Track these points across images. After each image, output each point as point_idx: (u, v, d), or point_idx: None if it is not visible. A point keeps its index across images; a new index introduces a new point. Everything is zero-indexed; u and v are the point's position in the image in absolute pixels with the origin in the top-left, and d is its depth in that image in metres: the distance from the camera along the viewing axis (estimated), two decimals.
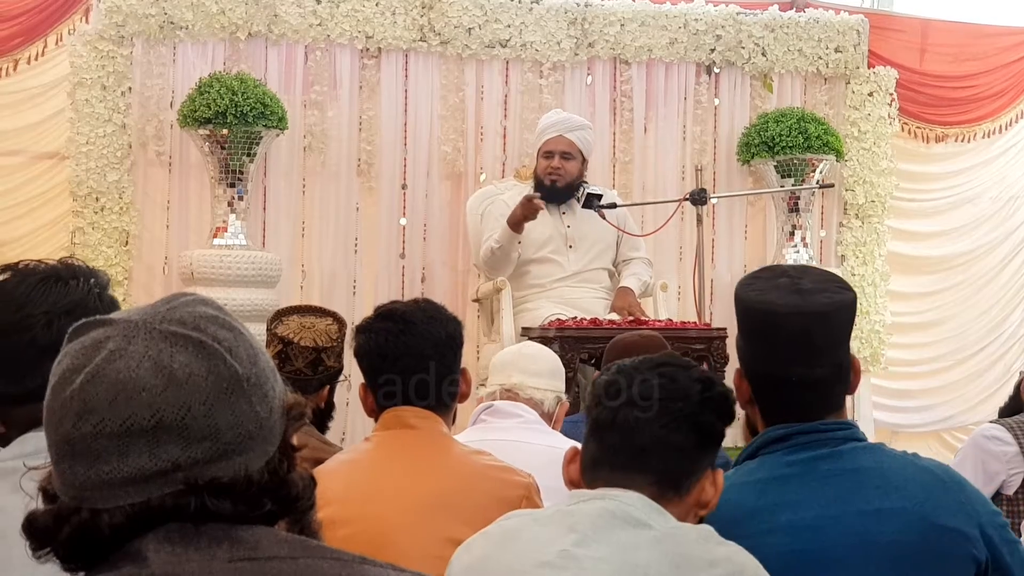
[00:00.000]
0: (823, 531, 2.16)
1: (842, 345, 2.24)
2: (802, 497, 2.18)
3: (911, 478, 2.22)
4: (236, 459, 1.17)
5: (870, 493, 2.18)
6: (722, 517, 2.15)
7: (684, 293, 7.49)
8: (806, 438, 2.22)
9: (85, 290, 2.06)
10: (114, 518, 1.15)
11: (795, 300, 2.18)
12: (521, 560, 1.88)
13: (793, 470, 2.21)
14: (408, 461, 2.60)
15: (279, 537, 1.20)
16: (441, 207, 7.34)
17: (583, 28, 7.43)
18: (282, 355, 3.50)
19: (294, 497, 1.22)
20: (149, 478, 1.14)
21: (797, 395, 2.22)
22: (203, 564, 1.14)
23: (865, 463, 2.22)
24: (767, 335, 2.21)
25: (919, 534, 2.16)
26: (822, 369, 2.22)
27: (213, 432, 1.16)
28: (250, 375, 1.20)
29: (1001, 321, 8.35)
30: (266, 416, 1.20)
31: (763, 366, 2.24)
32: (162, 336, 1.17)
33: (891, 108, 7.90)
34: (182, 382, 1.15)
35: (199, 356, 1.17)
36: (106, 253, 6.76)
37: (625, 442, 1.97)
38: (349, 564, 1.20)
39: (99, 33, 6.81)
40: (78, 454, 1.15)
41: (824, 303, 2.18)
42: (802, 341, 2.19)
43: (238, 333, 1.22)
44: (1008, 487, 4.16)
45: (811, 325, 2.18)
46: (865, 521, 2.16)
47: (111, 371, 1.15)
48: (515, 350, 3.53)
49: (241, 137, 6.55)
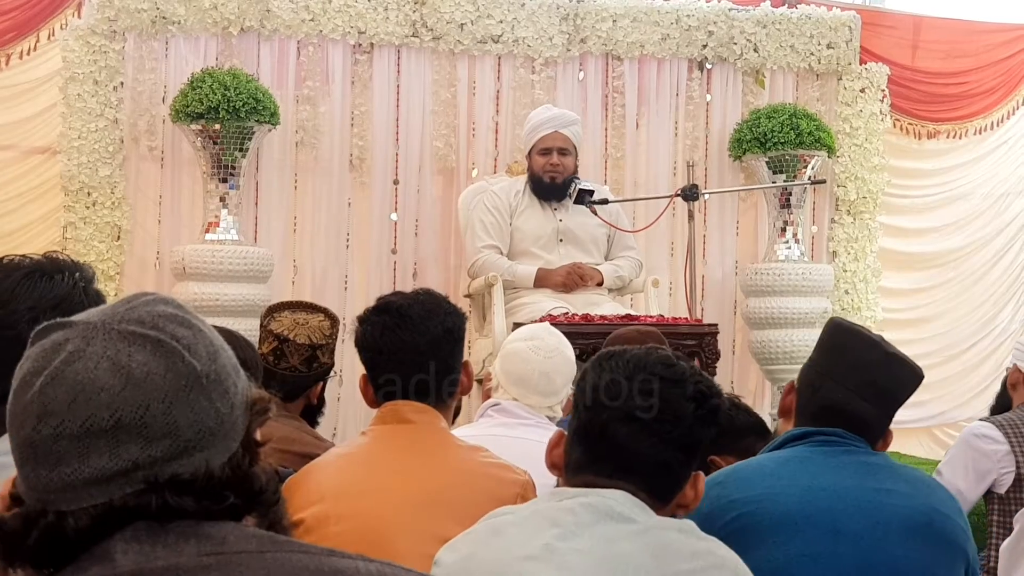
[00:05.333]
0: (838, 495, 2.35)
1: (895, 409, 2.52)
2: (820, 470, 2.39)
3: (921, 477, 2.50)
4: (197, 455, 1.18)
5: (883, 477, 2.41)
6: (741, 475, 2.31)
7: (676, 289, 7.50)
8: (825, 438, 2.45)
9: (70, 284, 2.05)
10: (79, 520, 1.15)
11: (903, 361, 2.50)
12: (505, 555, 1.88)
13: (814, 454, 2.42)
14: (403, 457, 2.59)
15: (247, 532, 1.20)
16: (433, 203, 7.34)
17: (575, 24, 7.43)
18: (277, 352, 3.50)
19: (257, 491, 1.22)
20: (110, 478, 1.15)
21: (844, 422, 2.46)
22: (170, 560, 1.14)
23: (878, 460, 2.45)
24: (854, 372, 2.45)
25: (925, 515, 2.38)
26: (876, 415, 2.48)
27: (172, 430, 1.16)
28: (209, 372, 1.20)
29: (992, 317, 8.37)
30: (227, 412, 1.20)
31: (835, 392, 2.46)
32: (120, 336, 1.17)
33: (883, 104, 7.91)
34: (140, 381, 1.15)
35: (157, 354, 1.17)
36: (98, 248, 6.76)
37: (612, 455, 1.95)
38: (316, 556, 1.20)
39: (91, 28, 6.80)
40: (40, 457, 1.15)
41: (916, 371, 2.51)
42: (884, 387, 2.46)
43: (197, 330, 1.22)
44: (1000, 486, 4.14)
45: (905, 382, 2.49)
46: (879, 495, 2.37)
47: (70, 373, 1.15)
48: (537, 369, 3.30)
49: (233, 132, 6.55)
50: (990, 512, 4.21)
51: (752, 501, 2.35)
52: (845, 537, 2.32)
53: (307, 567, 1.18)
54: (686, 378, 1.98)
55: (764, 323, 7.34)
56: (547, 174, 6.31)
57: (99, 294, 2.11)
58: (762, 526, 2.32)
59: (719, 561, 1.90)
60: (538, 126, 6.36)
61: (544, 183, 6.32)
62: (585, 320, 5.60)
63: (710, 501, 2.34)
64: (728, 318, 7.62)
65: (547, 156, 6.32)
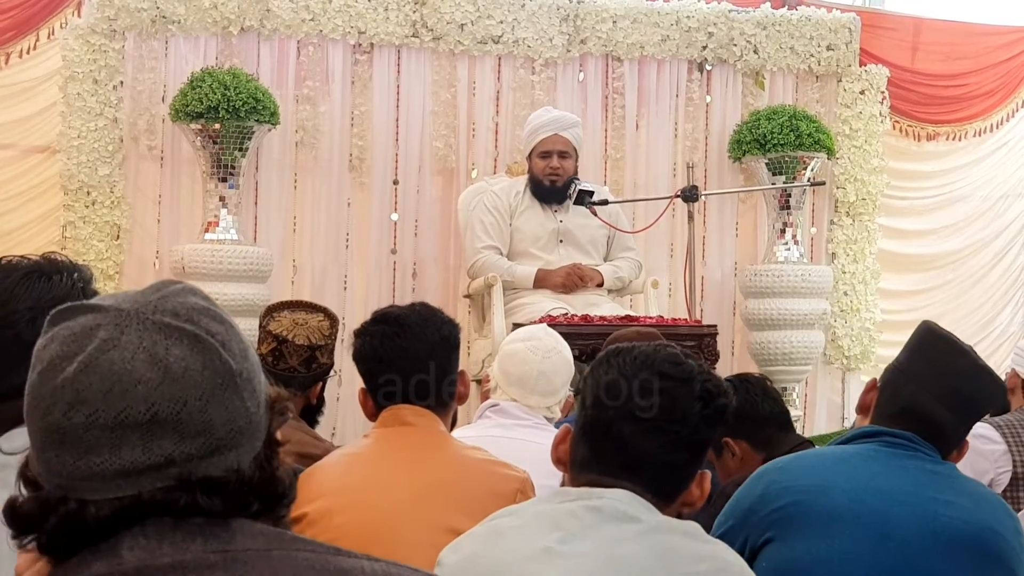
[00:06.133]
0: (894, 499, 2.33)
1: (976, 420, 2.54)
2: (882, 471, 2.37)
3: (983, 493, 2.48)
4: (228, 455, 1.17)
5: (944, 487, 2.38)
6: (801, 463, 2.32)
7: (675, 290, 7.50)
8: (895, 440, 2.43)
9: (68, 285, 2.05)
10: (101, 510, 1.14)
11: (990, 374, 2.51)
12: (507, 556, 1.88)
13: (879, 453, 2.40)
14: (405, 454, 2.62)
15: (254, 529, 1.19)
16: (432, 203, 7.34)
17: (575, 25, 7.43)
18: (276, 352, 3.50)
19: (280, 494, 1.22)
20: (142, 472, 1.13)
21: (921, 427, 2.44)
22: (176, 557, 1.14)
23: (944, 471, 2.43)
24: (941, 379, 2.45)
25: (979, 531, 2.35)
26: (956, 424, 2.47)
27: (208, 427, 1.15)
28: (242, 370, 1.19)
29: (991, 319, 8.38)
30: (255, 411, 1.20)
31: (918, 396, 2.45)
32: (156, 327, 1.16)
33: (882, 106, 7.91)
34: (178, 376, 1.14)
35: (195, 350, 1.16)
36: (97, 247, 6.76)
37: (618, 454, 1.94)
38: (322, 555, 1.19)
39: (91, 27, 6.80)
40: (67, 443, 1.13)
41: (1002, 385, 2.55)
42: (968, 396, 2.46)
43: (229, 327, 1.21)
44: (996, 486, 4.16)
45: (991, 394, 2.51)
46: (935, 506, 2.34)
47: (105, 361, 1.13)
48: (535, 369, 3.30)
49: (233, 132, 6.55)
50: None
51: (806, 490, 2.35)
52: (892, 541, 2.30)
53: (312, 565, 1.17)
54: (693, 376, 1.96)
55: (763, 324, 7.34)
56: (547, 177, 6.31)
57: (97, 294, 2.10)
58: (811, 517, 2.32)
59: (724, 565, 1.89)
60: (538, 128, 6.36)
61: (544, 186, 6.32)
62: (584, 321, 5.61)
63: (765, 484, 2.36)
64: (727, 319, 7.62)
65: (547, 159, 6.31)
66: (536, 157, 6.36)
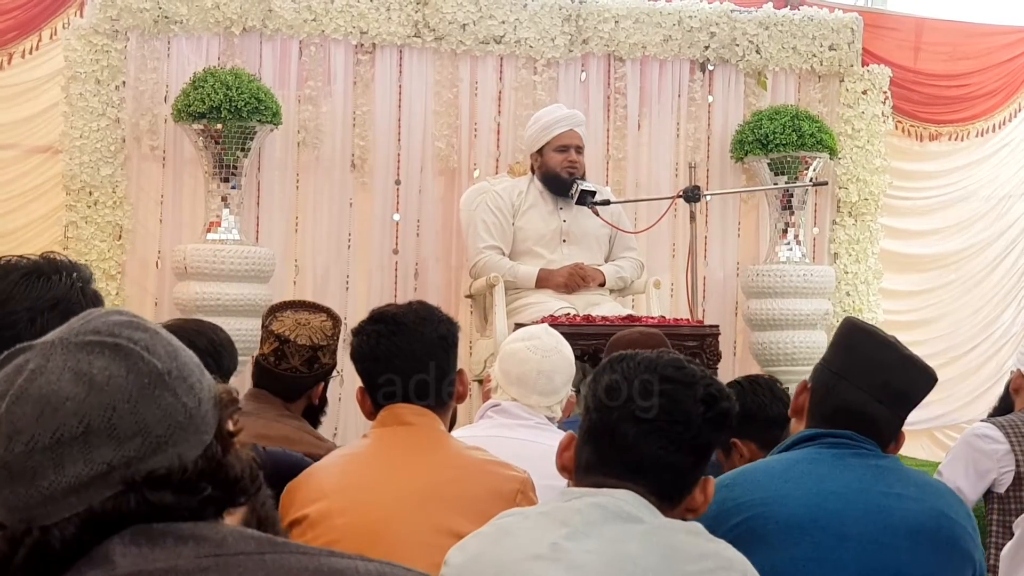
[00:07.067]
0: (846, 499, 2.34)
1: (908, 412, 2.51)
2: (829, 473, 2.37)
3: (930, 481, 2.49)
4: (170, 451, 1.18)
5: (892, 481, 2.39)
6: (749, 477, 2.31)
7: (677, 290, 7.50)
8: (836, 440, 2.43)
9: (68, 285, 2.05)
10: (65, 531, 1.15)
11: (918, 363, 2.51)
12: (513, 554, 1.89)
13: (823, 455, 2.40)
14: (404, 455, 2.62)
15: (246, 534, 1.20)
16: (434, 203, 7.34)
17: (577, 25, 7.43)
18: (278, 352, 3.50)
19: (234, 479, 1.23)
20: (88, 483, 1.15)
21: (857, 424, 2.44)
22: (169, 563, 1.15)
23: (888, 464, 2.43)
24: (869, 373, 2.44)
25: (934, 519, 2.36)
26: (889, 417, 2.47)
27: (142, 428, 1.17)
28: (171, 368, 1.20)
29: (994, 319, 8.37)
30: (195, 407, 1.21)
31: (850, 393, 2.45)
32: (78, 347, 1.18)
33: (885, 106, 7.91)
34: (103, 385, 1.16)
35: (116, 358, 1.18)
36: (99, 247, 6.76)
37: (621, 456, 1.96)
38: (315, 557, 1.20)
39: (93, 27, 6.80)
40: (15, 476, 1.15)
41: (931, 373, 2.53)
42: (898, 388, 2.45)
43: (154, 332, 1.23)
44: (999, 485, 4.17)
45: (920, 384, 2.49)
46: (887, 500, 2.35)
47: (33, 389, 1.16)
48: (535, 368, 3.28)
49: (235, 132, 6.55)
50: (990, 512, 4.24)
51: (759, 504, 2.35)
52: (851, 541, 2.31)
53: (306, 568, 1.18)
54: (696, 381, 1.98)
55: (765, 324, 7.34)
56: (565, 171, 6.32)
57: (97, 294, 2.11)
58: (769, 529, 2.32)
59: (727, 563, 1.91)
60: (553, 124, 6.37)
61: (562, 179, 6.32)
62: (586, 321, 5.61)
63: (718, 503, 2.35)
64: (729, 319, 7.62)
65: (565, 153, 6.34)
66: (553, 151, 6.36)
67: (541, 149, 6.41)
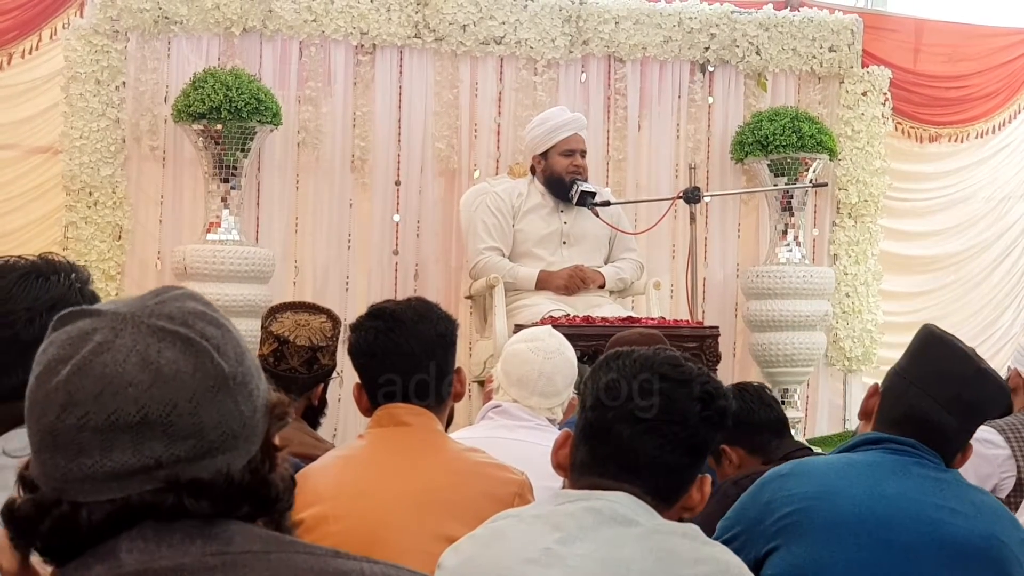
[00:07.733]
0: (898, 506, 2.33)
1: (978, 425, 2.52)
2: (887, 478, 2.36)
3: (986, 500, 2.45)
4: (219, 458, 1.17)
5: (948, 496, 2.37)
6: (805, 470, 2.32)
7: (677, 291, 7.50)
8: (899, 446, 2.42)
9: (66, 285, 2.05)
10: (93, 513, 1.14)
11: (993, 377, 2.47)
12: (507, 558, 1.87)
13: (884, 460, 2.39)
14: (401, 458, 2.59)
15: (253, 532, 1.19)
16: (435, 204, 7.34)
17: (578, 26, 7.43)
18: (278, 353, 3.50)
19: (273, 498, 1.22)
20: (131, 474, 1.14)
21: (924, 433, 2.42)
22: (175, 560, 1.14)
23: (948, 478, 2.42)
24: (942, 383, 2.42)
25: (983, 539, 2.34)
26: (957, 429, 2.45)
27: (198, 430, 1.16)
28: (236, 373, 1.19)
29: (993, 321, 8.37)
30: (250, 415, 1.20)
31: (921, 400, 2.43)
32: (150, 331, 1.16)
33: (885, 108, 7.91)
34: (168, 379, 1.15)
35: (187, 353, 1.16)
36: (99, 248, 6.76)
37: (617, 455, 1.94)
38: (322, 558, 1.19)
39: (93, 27, 6.80)
40: (60, 446, 1.14)
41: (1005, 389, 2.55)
42: (970, 401, 2.43)
43: (226, 330, 1.21)
44: (1000, 491, 4.13)
45: (993, 398, 2.47)
46: (939, 513, 2.34)
47: (98, 364, 1.14)
48: (537, 369, 3.28)
49: (235, 132, 6.55)
50: None
51: (811, 497, 2.34)
52: (895, 549, 2.30)
53: (312, 568, 1.17)
54: (693, 379, 1.95)
55: (765, 326, 7.33)
56: (571, 174, 6.32)
57: (95, 295, 2.10)
58: (815, 524, 2.31)
59: (723, 567, 1.89)
60: (559, 127, 6.36)
61: (566, 183, 6.32)
62: (586, 322, 5.61)
63: (771, 491, 2.36)
64: (729, 321, 7.62)
65: (571, 157, 6.35)
66: (559, 155, 6.36)
67: (546, 152, 6.40)
